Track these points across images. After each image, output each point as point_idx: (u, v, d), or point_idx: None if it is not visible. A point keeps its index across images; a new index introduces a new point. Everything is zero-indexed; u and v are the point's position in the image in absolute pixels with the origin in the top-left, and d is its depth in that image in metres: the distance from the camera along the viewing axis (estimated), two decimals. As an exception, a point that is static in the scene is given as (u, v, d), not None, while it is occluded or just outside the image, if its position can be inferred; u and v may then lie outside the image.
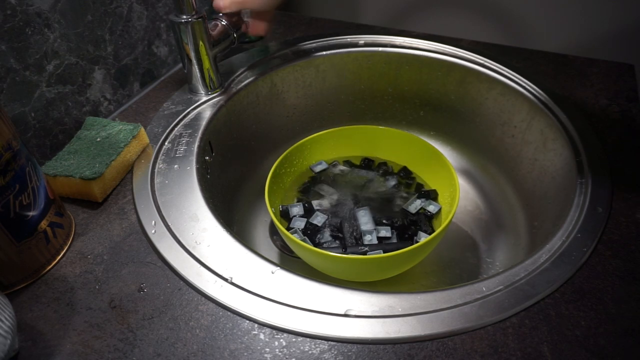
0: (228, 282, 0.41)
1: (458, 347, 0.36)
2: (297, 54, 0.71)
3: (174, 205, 0.48)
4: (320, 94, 0.75)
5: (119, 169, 0.51)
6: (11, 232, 0.40)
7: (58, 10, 0.52)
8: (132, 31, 0.63)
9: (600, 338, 0.36)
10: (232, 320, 0.38)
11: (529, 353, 0.35)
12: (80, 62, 0.56)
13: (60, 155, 0.51)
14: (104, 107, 0.61)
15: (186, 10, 0.56)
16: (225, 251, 0.44)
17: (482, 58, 0.67)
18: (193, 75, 0.62)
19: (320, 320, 0.38)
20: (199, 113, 0.61)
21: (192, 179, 0.51)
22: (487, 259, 0.59)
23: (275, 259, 0.60)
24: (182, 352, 0.36)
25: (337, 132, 0.62)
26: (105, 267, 0.43)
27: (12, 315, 0.35)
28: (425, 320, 0.37)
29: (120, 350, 0.37)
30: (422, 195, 0.58)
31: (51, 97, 0.54)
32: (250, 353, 0.36)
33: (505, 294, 0.39)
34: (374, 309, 0.38)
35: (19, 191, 0.39)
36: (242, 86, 0.66)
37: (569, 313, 0.37)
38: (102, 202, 0.50)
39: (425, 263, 0.59)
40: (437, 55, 0.70)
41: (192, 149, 0.55)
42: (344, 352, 0.36)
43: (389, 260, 0.46)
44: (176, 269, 0.42)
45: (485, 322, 0.37)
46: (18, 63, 0.49)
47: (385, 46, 0.72)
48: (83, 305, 0.40)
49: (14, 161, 0.38)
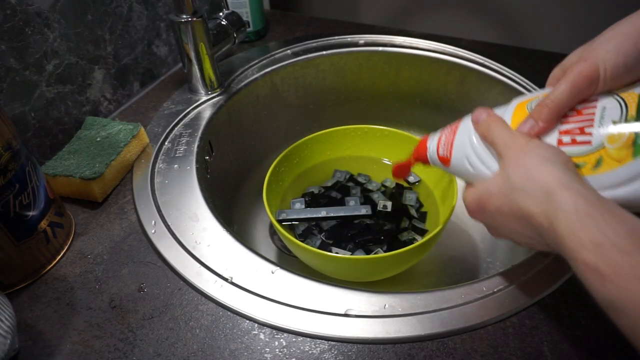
0: (228, 282, 0.41)
1: (458, 347, 0.36)
2: (297, 54, 0.71)
3: (174, 205, 0.48)
4: (320, 94, 0.75)
5: (119, 168, 0.51)
6: (11, 232, 0.40)
7: (58, 10, 0.52)
8: (132, 31, 0.63)
9: (600, 338, 0.36)
10: (232, 320, 0.38)
11: (529, 353, 0.35)
12: (80, 61, 0.56)
13: (60, 155, 0.51)
14: (104, 106, 0.61)
15: (186, 10, 0.56)
16: (225, 251, 0.44)
17: (482, 58, 0.67)
18: (193, 75, 0.62)
19: (321, 320, 0.38)
20: (199, 113, 0.61)
21: (192, 178, 0.51)
22: (487, 259, 0.59)
23: (275, 259, 0.60)
24: (182, 352, 0.36)
25: (337, 132, 0.62)
26: (105, 267, 0.43)
27: (12, 315, 0.35)
28: (425, 320, 0.37)
29: (120, 350, 0.37)
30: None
31: (51, 97, 0.54)
32: (251, 353, 0.36)
33: (505, 294, 0.39)
34: (374, 309, 0.38)
35: (19, 191, 0.39)
36: (242, 86, 0.66)
37: (569, 313, 0.37)
38: (102, 202, 0.50)
39: (425, 263, 0.59)
40: (437, 55, 0.70)
41: (192, 148, 0.55)
42: (344, 352, 0.36)
43: (389, 260, 0.46)
44: (176, 268, 0.42)
45: (485, 322, 0.37)
46: (18, 63, 0.49)
47: (385, 46, 0.72)
48: (83, 305, 0.40)
49: (14, 161, 0.38)
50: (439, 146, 0.42)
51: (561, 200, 0.27)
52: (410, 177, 0.61)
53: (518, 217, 0.31)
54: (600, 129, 0.30)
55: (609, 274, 0.24)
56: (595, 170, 0.30)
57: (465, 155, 0.38)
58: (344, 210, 0.57)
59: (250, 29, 0.75)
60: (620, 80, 0.31)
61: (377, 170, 0.63)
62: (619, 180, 0.29)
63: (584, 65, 0.31)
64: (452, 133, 0.40)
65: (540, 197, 0.29)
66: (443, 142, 0.41)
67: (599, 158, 0.30)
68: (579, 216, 0.26)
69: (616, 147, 0.29)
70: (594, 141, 0.30)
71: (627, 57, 0.30)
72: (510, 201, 0.31)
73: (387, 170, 0.63)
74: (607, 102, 0.31)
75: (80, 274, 0.43)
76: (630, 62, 0.30)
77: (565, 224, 0.26)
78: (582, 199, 0.27)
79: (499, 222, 0.34)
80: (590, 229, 0.25)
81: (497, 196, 0.33)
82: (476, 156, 0.37)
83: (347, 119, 0.77)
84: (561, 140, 0.32)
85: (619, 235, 0.24)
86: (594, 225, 0.25)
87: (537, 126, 0.33)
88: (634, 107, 0.29)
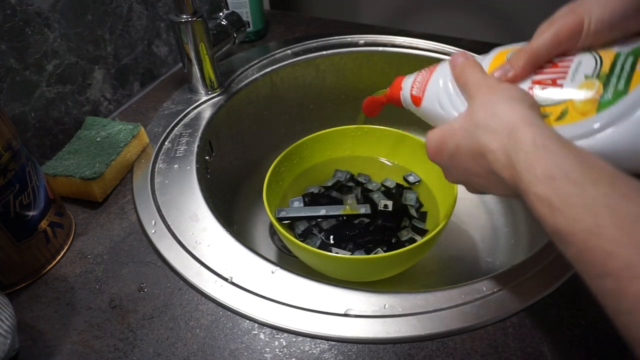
0: (228, 282, 0.41)
1: (458, 347, 0.36)
2: (297, 54, 0.71)
3: (174, 205, 0.48)
4: (320, 94, 0.75)
5: (119, 168, 0.51)
6: (11, 232, 0.40)
7: (58, 10, 0.52)
8: (132, 31, 0.63)
9: (600, 337, 0.36)
10: (232, 320, 0.38)
11: (529, 353, 0.35)
12: (80, 61, 0.56)
13: (60, 155, 0.51)
14: (104, 106, 0.61)
15: (186, 10, 0.56)
16: (225, 251, 0.44)
17: (482, 58, 0.67)
18: (193, 75, 0.62)
19: (321, 320, 0.38)
20: (199, 113, 0.61)
21: (192, 178, 0.51)
22: (487, 259, 0.59)
23: (275, 259, 0.60)
24: (182, 351, 0.36)
25: (337, 132, 0.62)
26: (105, 267, 0.43)
27: (12, 315, 0.35)
28: (425, 320, 0.37)
29: (120, 350, 0.37)
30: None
31: (51, 97, 0.54)
32: (251, 353, 0.36)
33: (505, 293, 0.39)
34: (374, 308, 0.38)
35: (19, 191, 0.39)
36: (242, 86, 0.66)
37: (569, 313, 0.37)
38: (102, 202, 0.50)
39: (425, 263, 0.59)
40: (437, 55, 0.70)
41: (192, 148, 0.55)
42: (344, 352, 0.36)
43: (389, 260, 0.46)
44: (176, 268, 0.42)
45: (485, 322, 0.37)
46: (18, 63, 0.49)
47: (385, 46, 0.72)
48: (83, 305, 0.40)
49: (14, 161, 0.38)
50: (413, 85, 0.42)
51: (522, 135, 0.27)
52: (410, 177, 0.61)
53: (476, 154, 0.31)
54: (571, 82, 0.31)
55: (559, 205, 0.24)
56: (559, 121, 0.31)
57: (437, 96, 0.38)
58: (343, 208, 0.57)
59: (250, 29, 0.75)
60: (602, 36, 0.31)
61: (377, 170, 0.63)
62: (580, 133, 0.29)
63: (570, 17, 0.31)
64: (429, 73, 0.41)
65: (502, 133, 0.29)
66: (418, 82, 0.41)
67: (564, 109, 0.31)
68: (537, 149, 0.26)
69: (582, 100, 0.30)
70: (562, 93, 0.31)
71: (612, 12, 0.30)
72: (471, 137, 0.31)
73: (387, 170, 0.63)
74: (583, 57, 0.31)
75: (80, 274, 0.43)
76: (614, 19, 0.30)
77: (523, 158, 0.27)
78: (539, 132, 0.27)
79: (455, 162, 0.34)
80: (546, 162, 0.25)
81: (458, 133, 0.33)
82: (447, 97, 0.37)
83: (347, 119, 0.77)
84: (532, 89, 0.32)
85: (571, 166, 0.25)
86: (548, 158, 0.26)
87: (511, 71, 0.33)
88: (607, 64, 0.30)
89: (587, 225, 0.23)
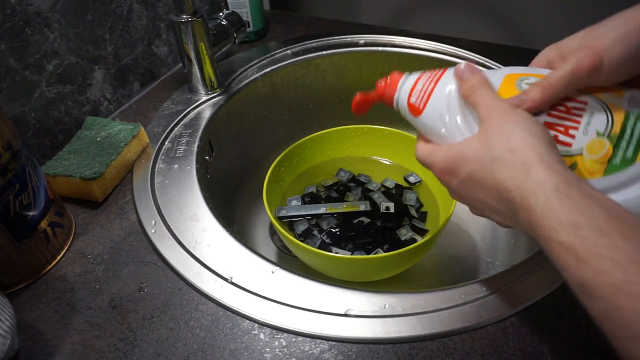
0: (228, 282, 0.41)
1: (458, 346, 0.36)
2: (297, 54, 0.71)
3: (174, 205, 0.48)
4: (320, 94, 0.75)
5: (119, 168, 0.51)
6: (11, 232, 0.40)
7: (58, 10, 0.52)
8: (132, 31, 0.63)
9: (600, 338, 0.36)
10: (232, 320, 0.38)
11: (529, 353, 0.35)
12: (80, 61, 0.56)
13: (60, 155, 0.51)
14: (104, 106, 0.61)
15: (186, 10, 0.56)
16: (225, 251, 0.44)
17: (482, 58, 0.67)
18: (193, 75, 0.62)
19: (321, 320, 0.38)
20: (199, 113, 0.61)
21: (192, 178, 0.51)
22: (487, 259, 0.59)
23: (275, 259, 0.60)
24: (182, 351, 0.36)
25: (337, 132, 0.62)
26: (105, 266, 0.43)
27: (12, 315, 0.35)
28: (425, 320, 0.37)
29: (120, 350, 0.37)
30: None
31: (51, 97, 0.54)
32: (251, 353, 0.36)
33: (505, 293, 0.39)
34: (374, 308, 0.38)
35: (19, 191, 0.39)
36: (242, 86, 0.66)
37: (569, 313, 0.37)
38: (102, 202, 0.50)
39: (425, 263, 0.59)
40: (437, 55, 0.70)
41: (192, 148, 0.55)
42: (344, 352, 0.36)
43: (389, 260, 0.46)
44: (176, 268, 0.42)
45: (485, 322, 0.37)
46: (18, 63, 0.49)
47: (385, 46, 0.72)
48: (83, 305, 0.40)
49: (14, 161, 0.38)
50: (411, 93, 0.38)
51: (541, 177, 0.26)
52: (411, 177, 0.61)
53: (491, 188, 0.29)
54: (583, 136, 0.30)
55: (585, 255, 0.23)
56: None
57: (440, 113, 0.35)
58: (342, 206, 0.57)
59: (250, 29, 0.75)
60: (616, 73, 0.30)
61: (377, 170, 0.63)
62: None
63: (588, 54, 0.29)
64: (432, 83, 0.37)
65: (519, 171, 0.27)
66: (419, 90, 0.37)
67: (574, 163, 0.30)
68: (560, 195, 0.25)
69: (592, 158, 0.29)
70: (574, 144, 0.30)
71: (630, 48, 0.29)
72: (486, 170, 0.29)
73: (387, 170, 0.63)
74: (594, 106, 0.31)
75: (81, 274, 0.43)
76: (630, 55, 0.29)
77: (543, 202, 0.25)
78: (563, 179, 0.26)
79: (466, 188, 0.32)
80: (570, 209, 0.24)
81: (472, 162, 0.31)
82: (453, 117, 0.34)
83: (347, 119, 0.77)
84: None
85: (597, 216, 0.24)
86: (573, 205, 0.24)
87: (527, 102, 0.31)
88: (618, 125, 0.29)
89: (616, 281, 0.22)
